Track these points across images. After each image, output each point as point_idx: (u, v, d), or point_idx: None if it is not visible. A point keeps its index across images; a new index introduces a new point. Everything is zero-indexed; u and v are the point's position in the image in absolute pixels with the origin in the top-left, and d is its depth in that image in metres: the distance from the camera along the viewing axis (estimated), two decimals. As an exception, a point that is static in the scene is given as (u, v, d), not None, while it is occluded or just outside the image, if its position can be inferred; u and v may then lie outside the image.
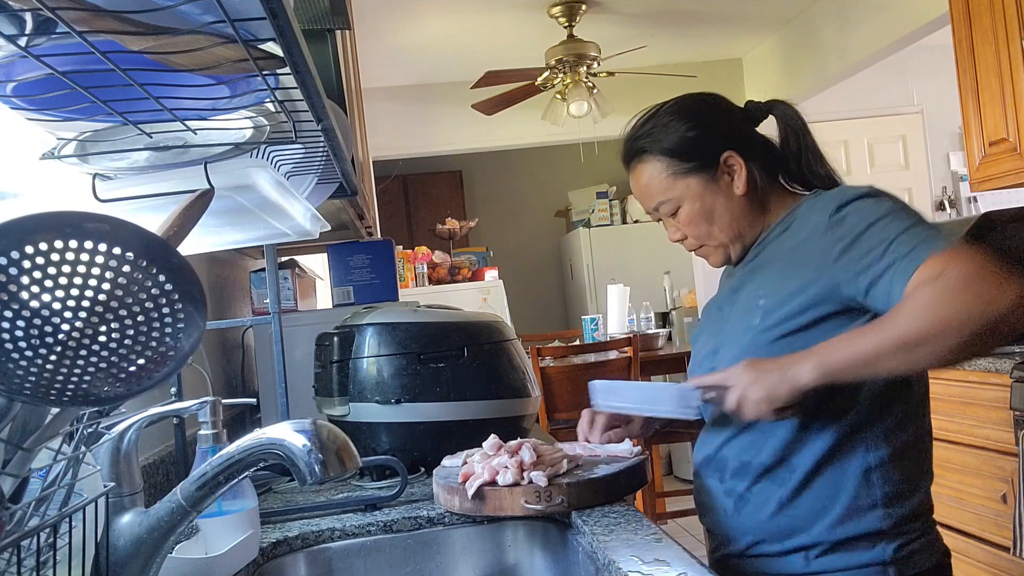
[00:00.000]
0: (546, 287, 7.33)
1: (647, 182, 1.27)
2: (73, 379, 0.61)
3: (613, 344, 3.84)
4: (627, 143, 1.30)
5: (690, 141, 1.23)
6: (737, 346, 1.18)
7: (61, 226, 0.60)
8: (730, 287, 1.29)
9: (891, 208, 1.10)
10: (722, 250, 1.28)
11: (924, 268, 1.00)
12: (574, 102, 4.47)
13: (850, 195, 1.14)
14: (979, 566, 2.50)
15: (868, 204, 1.12)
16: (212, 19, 0.65)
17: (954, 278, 0.97)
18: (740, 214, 1.25)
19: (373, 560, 1.21)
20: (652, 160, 1.26)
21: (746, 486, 1.17)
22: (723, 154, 1.23)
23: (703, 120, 1.26)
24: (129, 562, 0.79)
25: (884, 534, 1.11)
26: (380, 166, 5.48)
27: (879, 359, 1.02)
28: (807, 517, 1.13)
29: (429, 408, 1.47)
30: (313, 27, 1.64)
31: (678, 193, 1.25)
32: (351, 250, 2.22)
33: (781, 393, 1.05)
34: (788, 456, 1.14)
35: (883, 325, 1.02)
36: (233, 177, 0.92)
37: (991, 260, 0.99)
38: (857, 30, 4.34)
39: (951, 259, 0.99)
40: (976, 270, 0.98)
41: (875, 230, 1.07)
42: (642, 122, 1.29)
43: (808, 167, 1.27)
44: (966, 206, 5.56)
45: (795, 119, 1.28)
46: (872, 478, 1.12)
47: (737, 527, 1.18)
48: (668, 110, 1.27)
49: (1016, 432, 2.28)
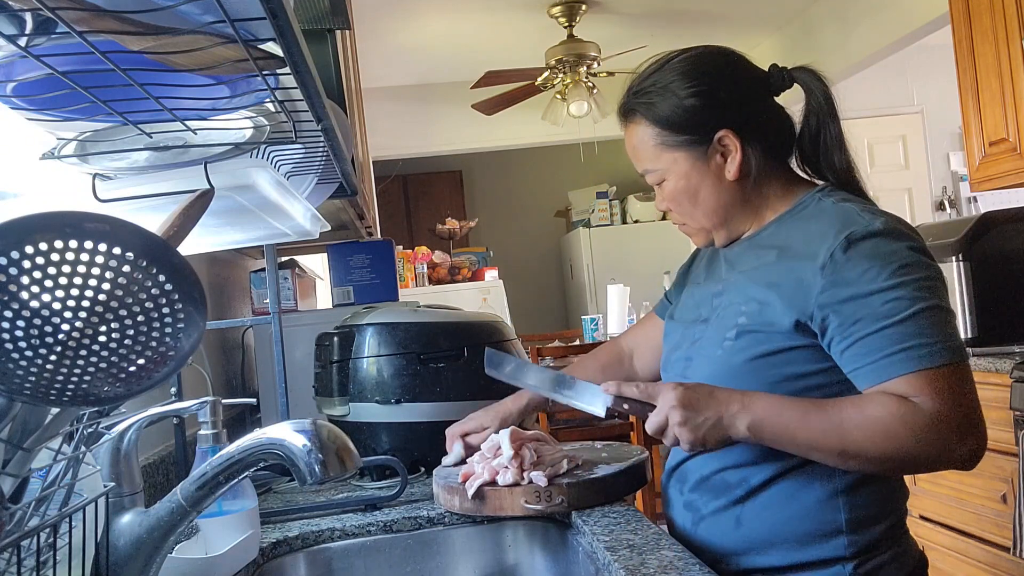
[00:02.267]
0: (546, 287, 7.33)
1: (635, 145, 1.16)
2: (73, 379, 0.61)
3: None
4: (624, 96, 1.17)
5: (685, 111, 1.10)
6: (709, 362, 1.11)
7: (61, 226, 0.60)
8: (714, 290, 1.18)
9: (900, 267, 0.98)
10: (704, 233, 1.17)
11: (901, 383, 0.95)
12: (574, 102, 4.47)
13: (861, 231, 1.01)
14: (979, 566, 2.50)
15: (877, 251, 0.99)
16: (212, 19, 0.65)
17: (922, 416, 0.94)
18: (728, 201, 1.13)
19: (373, 560, 1.21)
20: (642, 123, 1.13)
21: (704, 501, 1.12)
22: (718, 132, 1.09)
23: (710, 85, 1.10)
24: (129, 562, 0.79)
25: (844, 558, 1.05)
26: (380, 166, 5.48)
27: (811, 451, 0.99)
28: (765, 538, 1.07)
29: (429, 408, 1.46)
30: (313, 27, 1.64)
31: (664, 165, 1.13)
32: (351, 250, 2.22)
33: (710, 441, 1.00)
34: (748, 475, 1.08)
35: (830, 421, 0.97)
36: (233, 177, 0.92)
37: (965, 399, 0.96)
38: (857, 30, 4.34)
39: (929, 387, 0.95)
40: (945, 412, 0.94)
41: (874, 303, 0.97)
42: (643, 76, 1.15)
43: (825, 154, 1.13)
44: (966, 206, 5.56)
45: (819, 94, 1.13)
46: (838, 503, 1.05)
47: (696, 542, 1.13)
48: (674, 66, 1.12)
49: (1016, 432, 2.28)
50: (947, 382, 0.95)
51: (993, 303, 2.61)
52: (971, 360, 2.47)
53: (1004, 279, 2.62)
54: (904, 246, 1.00)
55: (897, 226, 1.03)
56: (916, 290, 0.97)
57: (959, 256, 2.62)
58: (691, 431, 0.99)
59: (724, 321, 1.12)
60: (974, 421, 0.96)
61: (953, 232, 2.70)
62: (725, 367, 1.08)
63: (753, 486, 1.08)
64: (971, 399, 0.97)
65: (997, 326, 2.60)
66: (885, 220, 1.03)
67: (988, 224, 2.64)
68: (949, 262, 2.65)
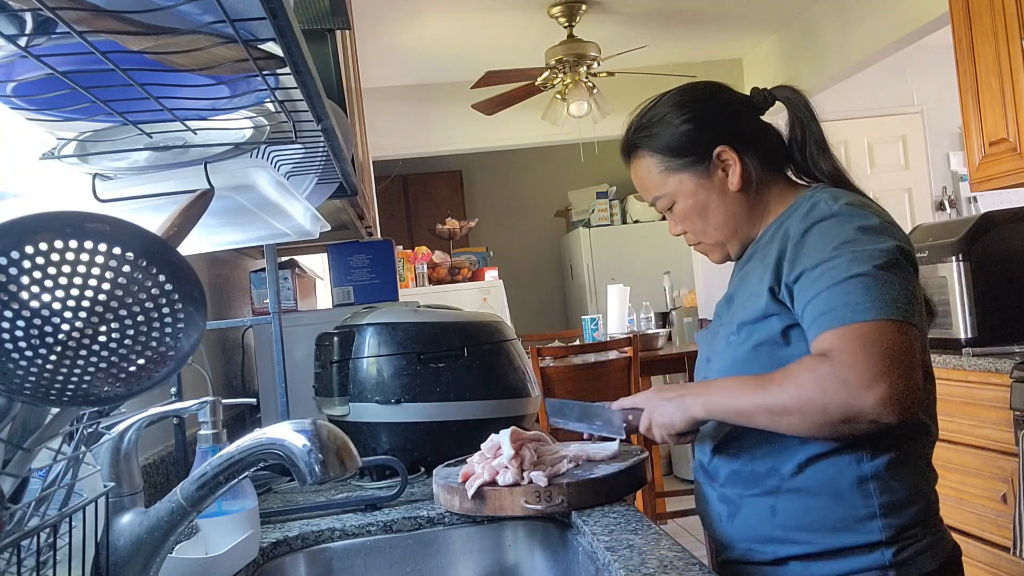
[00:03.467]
0: (546, 287, 7.33)
1: (643, 177, 1.26)
2: (73, 379, 0.61)
3: (613, 344, 3.84)
4: (625, 136, 1.28)
5: (682, 136, 1.21)
6: (722, 358, 1.19)
7: (61, 226, 0.60)
8: (728, 293, 1.26)
9: (843, 242, 1.07)
10: (719, 248, 1.26)
11: (822, 339, 1.03)
12: (574, 102, 4.47)
13: (816, 216, 1.12)
14: (979, 566, 2.50)
15: (828, 230, 1.09)
16: (212, 19, 0.65)
17: (829, 365, 1.00)
18: (735, 211, 1.22)
19: (373, 560, 1.21)
20: (645, 156, 1.24)
21: (738, 493, 1.16)
22: (716, 149, 1.20)
23: (699, 112, 1.22)
24: (129, 562, 0.79)
25: (883, 543, 1.08)
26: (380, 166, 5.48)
27: (751, 417, 1.08)
28: (801, 526, 1.11)
29: (429, 408, 1.46)
30: (313, 27, 1.64)
31: (671, 189, 1.23)
32: (351, 250, 2.22)
33: (676, 423, 1.13)
34: (777, 465, 1.12)
35: (763, 386, 1.06)
36: (233, 177, 0.92)
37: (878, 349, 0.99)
38: (857, 30, 4.34)
39: (841, 341, 1.00)
40: (853, 361, 0.99)
41: (816, 273, 1.06)
42: (641, 114, 1.27)
43: (811, 159, 1.23)
44: (966, 206, 5.56)
45: (800, 106, 1.24)
46: (868, 488, 1.09)
47: (732, 534, 1.17)
48: (666, 101, 1.25)
49: (1016, 432, 2.28)
50: (860, 336, 1.00)
51: (993, 303, 2.61)
52: (971, 360, 2.49)
53: (1004, 279, 2.62)
54: (852, 226, 1.08)
55: (853, 210, 1.11)
56: (850, 260, 1.05)
57: (959, 256, 2.62)
58: (660, 416, 1.15)
59: (731, 320, 1.20)
60: (886, 370, 0.98)
61: (953, 232, 2.70)
62: (733, 360, 1.16)
63: (785, 475, 1.12)
64: (890, 350, 0.99)
65: (997, 326, 2.60)
66: (844, 204, 1.12)
67: (988, 224, 2.64)
68: (949, 262, 2.65)
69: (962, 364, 2.53)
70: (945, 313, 2.67)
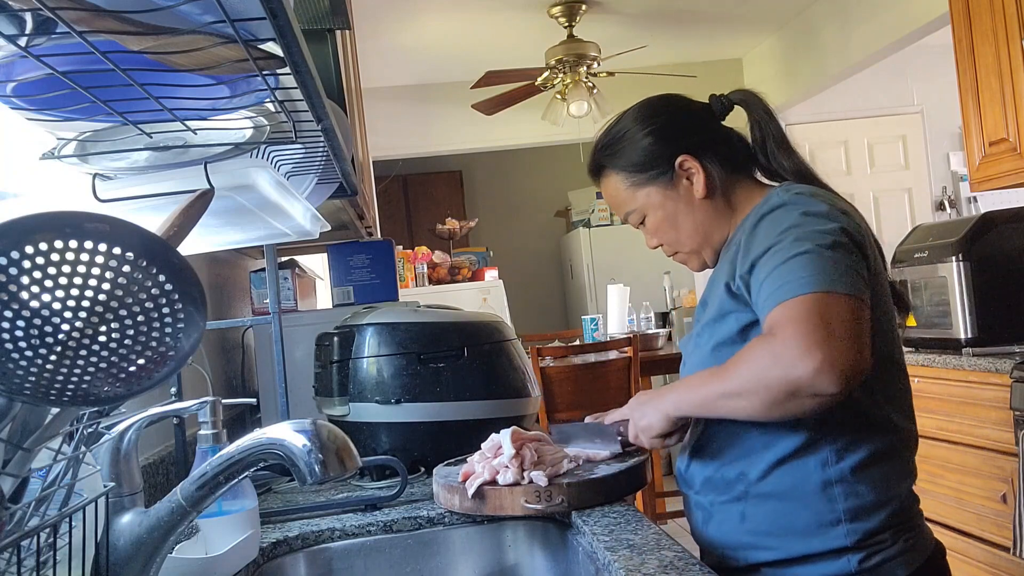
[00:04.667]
0: (546, 287, 7.33)
1: (612, 194, 1.28)
2: (73, 379, 0.61)
3: (613, 344, 3.84)
4: (591, 157, 1.30)
5: (643, 150, 1.22)
6: (690, 360, 1.21)
7: (61, 226, 0.60)
8: (702, 298, 1.27)
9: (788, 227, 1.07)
10: (695, 256, 1.27)
11: (768, 319, 1.03)
12: (574, 102, 4.47)
13: (766, 208, 1.13)
14: (979, 566, 2.50)
15: (775, 219, 1.10)
16: (212, 19, 0.65)
17: (769, 342, 1.00)
18: (704, 218, 1.23)
19: (373, 560, 1.21)
20: (612, 174, 1.26)
21: (710, 500, 1.17)
22: (678, 159, 1.21)
23: (659, 125, 1.23)
24: (129, 562, 0.79)
25: (848, 548, 1.07)
26: (380, 166, 5.48)
27: (712, 405, 1.08)
28: (769, 531, 1.10)
29: (429, 408, 1.47)
30: (313, 27, 1.64)
31: (640, 203, 1.25)
32: (351, 250, 2.22)
33: (654, 423, 1.14)
34: (745, 470, 1.12)
35: (717, 375, 1.07)
36: (233, 177, 0.92)
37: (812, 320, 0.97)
38: (857, 30, 4.34)
39: (782, 317, 1.00)
40: (788, 334, 0.97)
41: (764, 258, 1.07)
42: (603, 134, 1.29)
43: (773, 158, 1.24)
44: (966, 206, 5.56)
45: (757, 107, 1.25)
46: (833, 493, 1.08)
47: (708, 540, 1.18)
48: (627, 117, 1.27)
49: (1016, 432, 2.28)
50: (798, 308, 0.99)
51: (993, 303, 2.61)
52: (971, 360, 2.49)
53: (1004, 279, 2.62)
54: (797, 212, 1.10)
55: (799, 199, 1.12)
56: (792, 241, 1.05)
57: (959, 256, 2.62)
58: (640, 420, 1.16)
59: (699, 322, 1.22)
60: (820, 340, 0.95)
61: (953, 232, 2.70)
62: (698, 361, 1.19)
63: (752, 480, 1.12)
64: (824, 320, 0.97)
65: (997, 326, 2.60)
66: (794, 194, 1.14)
67: (988, 224, 2.64)
68: (949, 262, 2.65)
69: (962, 364, 2.53)
70: (945, 313, 2.67)
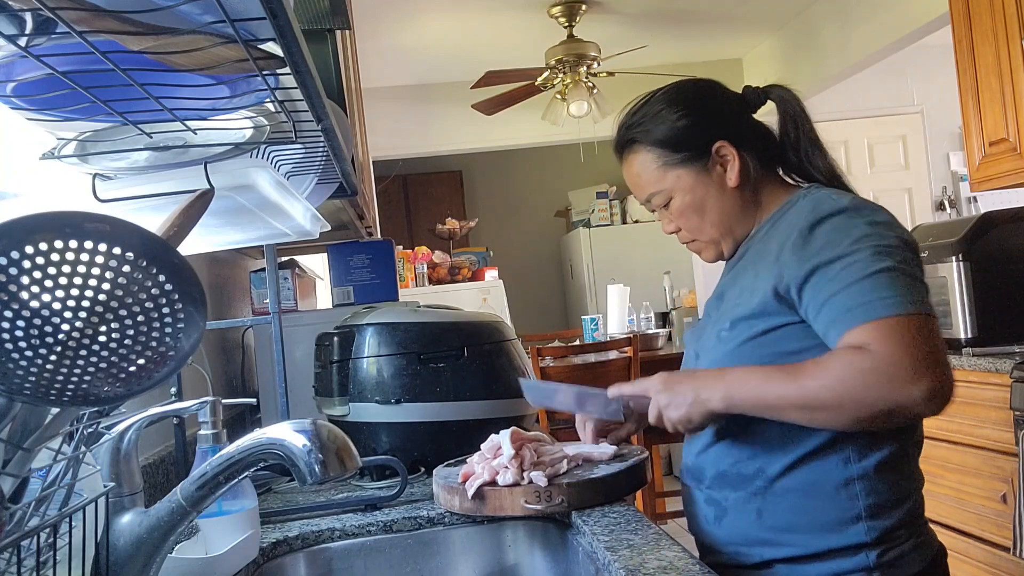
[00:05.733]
0: (546, 287, 7.33)
1: (638, 172, 1.24)
2: (73, 379, 0.61)
3: (613, 344, 3.84)
4: (618, 133, 1.27)
5: (680, 131, 1.19)
6: (712, 353, 1.17)
7: (61, 226, 0.60)
8: (718, 291, 1.26)
9: (861, 237, 1.06)
10: (713, 246, 1.24)
11: (855, 333, 1.01)
12: (574, 102, 4.47)
13: (825, 210, 1.10)
14: (979, 566, 2.50)
15: (840, 225, 1.08)
16: (212, 19, 0.65)
17: (871, 359, 0.98)
18: (731, 208, 1.21)
19: (373, 560, 1.21)
20: (642, 151, 1.22)
21: (724, 495, 1.15)
22: (715, 144, 1.18)
23: (695, 108, 1.21)
24: (129, 562, 0.79)
25: (867, 544, 1.08)
26: (380, 166, 5.48)
27: (780, 410, 1.04)
28: (787, 528, 1.10)
29: (429, 408, 1.46)
30: (313, 27, 1.64)
31: (668, 185, 1.21)
32: (351, 250, 2.22)
33: (694, 418, 1.08)
34: (764, 466, 1.11)
35: (794, 378, 1.03)
36: (233, 177, 0.92)
37: (918, 343, 0.98)
38: (857, 30, 4.34)
39: (880, 335, 0.99)
40: (896, 355, 0.97)
41: (835, 268, 1.04)
42: (634, 110, 1.25)
43: (807, 157, 1.22)
44: (966, 206, 5.56)
45: (793, 104, 1.23)
46: (854, 490, 1.08)
47: (719, 536, 1.16)
48: (660, 97, 1.23)
49: (1016, 432, 2.28)
50: (899, 330, 0.99)
51: (993, 303, 2.61)
52: (971, 360, 2.49)
53: (1004, 279, 2.62)
54: (864, 220, 1.08)
55: (861, 205, 1.11)
56: (872, 255, 1.04)
57: (959, 256, 2.62)
58: (675, 410, 1.09)
59: (721, 316, 1.19)
60: (929, 364, 0.98)
61: (953, 232, 2.70)
62: (722, 354, 1.15)
63: (771, 476, 1.11)
64: (927, 345, 0.99)
65: (997, 326, 2.60)
66: (851, 199, 1.12)
67: (988, 224, 2.64)
68: (949, 262, 2.65)
69: (962, 364, 2.53)
70: (945, 313, 2.67)
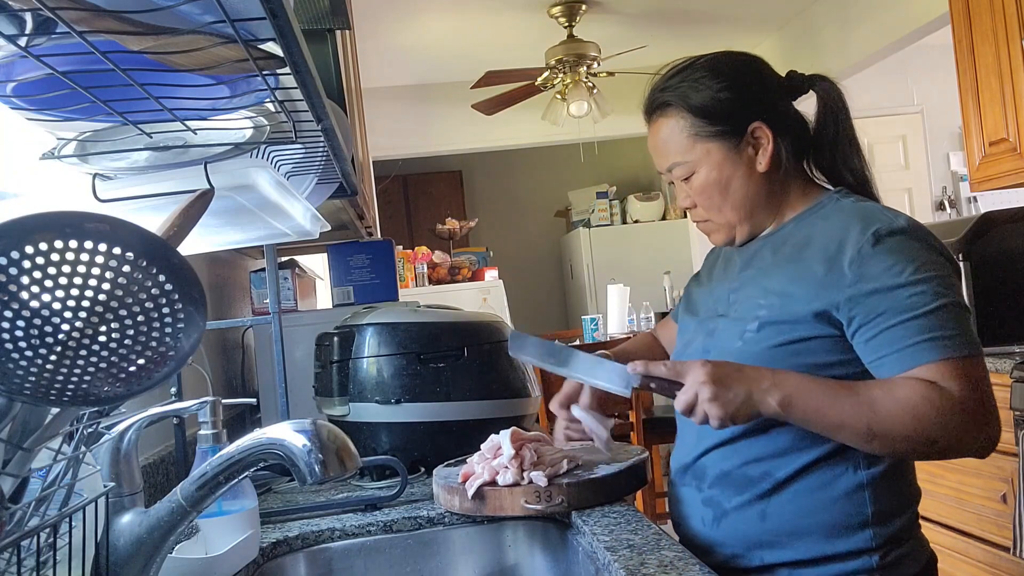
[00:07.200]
0: (546, 287, 7.33)
1: (666, 138, 1.16)
2: (73, 379, 0.61)
3: (613, 344, 3.84)
4: (651, 93, 1.19)
5: (721, 102, 1.12)
6: (729, 353, 1.11)
7: (61, 226, 0.60)
8: (730, 287, 1.20)
9: (922, 265, 1.02)
10: (727, 229, 1.18)
11: (928, 369, 0.99)
12: (574, 102, 4.47)
13: (886, 228, 1.04)
14: (979, 566, 2.50)
15: (900, 248, 1.03)
16: (212, 19, 0.65)
17: (949, 400, 0.98)
18: (756, 194, 1.15)
19: (373, 560, 1.21)
20: (675, 116, 1.15)
21: (726, 496, 1.12)
22: (752, 124, 1.13)
23: (740, 82, 1.14)
24: (129, 562, 0.79)
25: (871, 549, 1.07)
26: (380, 166, 5.49)
27: (839, 430, 1.01)
28: (792, 532, 1.08)
29: (429, 408, 1.46)
30: (313, 27, 1.64)
31: (696, 156, 1.14)
32: (351, 250, 2.22)
33: (739, 417, 1.01)
34: (772, 469, 1.09)
35: (860, 401, 1.00)
36: (233, 177, 0.92)
37: (985, 388, 1.01)
38: (857, 30, 4.34)
39: (956, 375, 0.99)
40: (973, 399, 0.99)
41: (901, 294, 1.01)
42: (672, 73, 1.18)
43: (842, 157, 1.17)
44: (966, 206, 5.56)
45: (837, 100, 1.17)
46: (863, 496, 1.07)
47: (715, 538, 1.13)
48: (703, 64, 1.16)
49: (1016, 432, 2.28)
50: (969, 372, 1.00)
51: (993, 303, 2.61)
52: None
53: (1004, 279, 2.62)
54: (924, 245, 1.05)
55: (919, 226, 1.08)
56: (938, 287, 1.02)
57: (959, 256, 2.62)
58: (721, 406, 1.00)
59: (742, 315, 1.14)
60: (992, 411, 1.01)
61: (953, 232, 2.70)
62: (746, 356, 1.08)
63: (778, 479, 1.09)
64: (990, 391, 1.02)
65: (997, 326, 2.60)
66: (907, 219, 1.08)
67: (988, 224, 2.64)
68: (949, 262, 2.65)
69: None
70: (945, 313, 2.67)
